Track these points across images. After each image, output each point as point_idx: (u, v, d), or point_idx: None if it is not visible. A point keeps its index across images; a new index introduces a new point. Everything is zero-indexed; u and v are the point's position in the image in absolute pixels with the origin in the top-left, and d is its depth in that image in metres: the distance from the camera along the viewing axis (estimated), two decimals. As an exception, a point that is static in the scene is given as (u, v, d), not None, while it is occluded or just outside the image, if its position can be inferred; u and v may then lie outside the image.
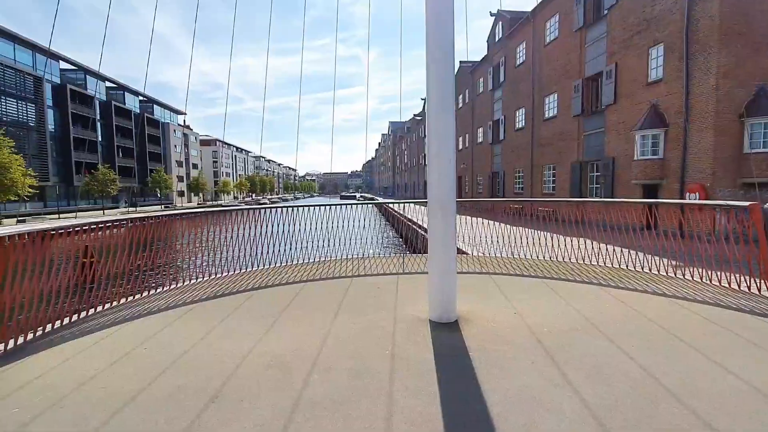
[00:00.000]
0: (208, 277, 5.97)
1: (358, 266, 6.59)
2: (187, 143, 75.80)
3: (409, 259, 7.22)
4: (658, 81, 13.88)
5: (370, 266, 6.60)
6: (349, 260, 7.10)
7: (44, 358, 3.24)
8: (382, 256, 7.63)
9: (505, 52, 26.05)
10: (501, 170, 27.14)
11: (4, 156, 27.41)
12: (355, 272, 6.18)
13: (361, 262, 6.95)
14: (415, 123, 61.56)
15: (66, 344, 3.52)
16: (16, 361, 3.18)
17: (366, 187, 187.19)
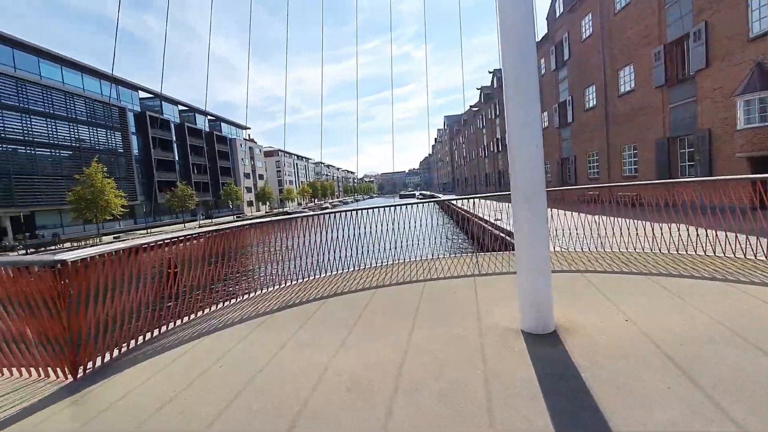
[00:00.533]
0: (278, 286, 5.85)
1: (429, 268, 6.11)
2: (252, 156, 79.94)
3: (483, 258, 6.60)
4: (763, 34, 11.86)
5: (442, 268, 6.09)
6: (418, 262, 6.65)
7: (127, 377, 3.24)
8: (453, 257, 7.07)
9: (569, 27, 24.14)
10: (571, 155, 25.21)
11: (98, 181, 30.45)
12: (427, 275, 5.71)
13: (431, 264, 6.47)
14: (472, 114, 59.67)
15: (147, 362, 3.51)
16: (103, 381, 3.21)
17: (425, 185, 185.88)
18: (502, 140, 43.32)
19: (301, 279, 6.10)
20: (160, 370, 3.30)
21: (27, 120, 32.54)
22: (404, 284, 5.38)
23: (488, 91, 48.80)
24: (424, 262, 6.69)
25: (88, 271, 3.44)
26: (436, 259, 6.90)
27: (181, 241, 4.73)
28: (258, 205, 76.84)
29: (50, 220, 35.16)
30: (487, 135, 49.87)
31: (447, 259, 6.86)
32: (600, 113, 21.10)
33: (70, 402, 2.90)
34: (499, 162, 44.85)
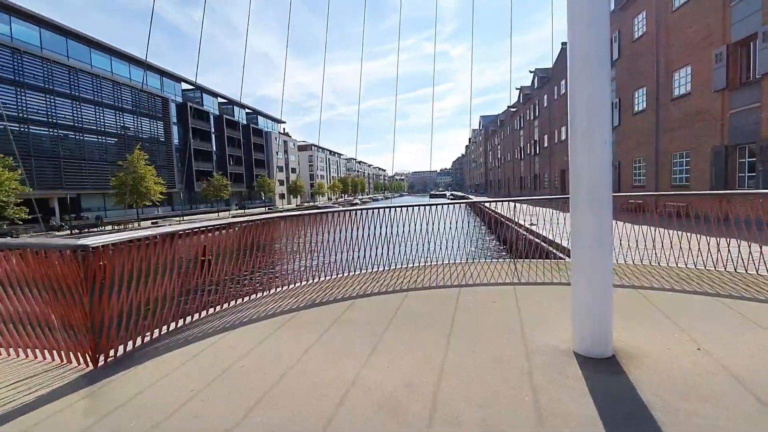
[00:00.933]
0: (305, 282, 5.66)
1: (464, 273, 5.74)
2: (286, 149, 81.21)
3: (522, 266, 6.15)
4: None
5: (477, 273, 5.71)
6: (451, 266, 6.28)
7: (147, 371, 3.11)
8: (488, 261, 6.66)
9: (619, 26, 22.90)
10: (615, 160, 23.97)
11: (140, 167, 31.59)
12: (461, 280, 5.35)
13: (465, 268, 6.09)
14: (509, 115, 58.18)
15: (168, 355, 3.37)
16: (122, 372, 3.09)
17: (456, 185, 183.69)
18: (539, 143, 41.97)
19: (328, 276, 5.89)
20: (181, 366, 3.14)
21: (77, 107, 34.13)
22: (437, 288, 5.05)
23: (528, 92, 47.36)
24: (457, 265, 6.33)
25: (112, 258, 3.31)
26: (471, 263, 6.53)
27: (210, 231, 4.56)
28: (289, 198, 78.02)
29: (94, 203, 36.83)
30: (524, 137, 48.46)
31: (482, 263, 6.47)
32: (650, 117, 19.89)
33: (87, 393, 2.80)
34: (536, 165, 43.50)
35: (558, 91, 34.97)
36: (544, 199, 7.40)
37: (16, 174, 21.97)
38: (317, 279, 5.78)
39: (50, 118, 31.84)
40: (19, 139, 29.51)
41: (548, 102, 38.26)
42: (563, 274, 5.56)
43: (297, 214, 5.87)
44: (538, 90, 41.88)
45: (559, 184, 35.29)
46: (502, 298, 4.52)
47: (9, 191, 21.56)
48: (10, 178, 21.45)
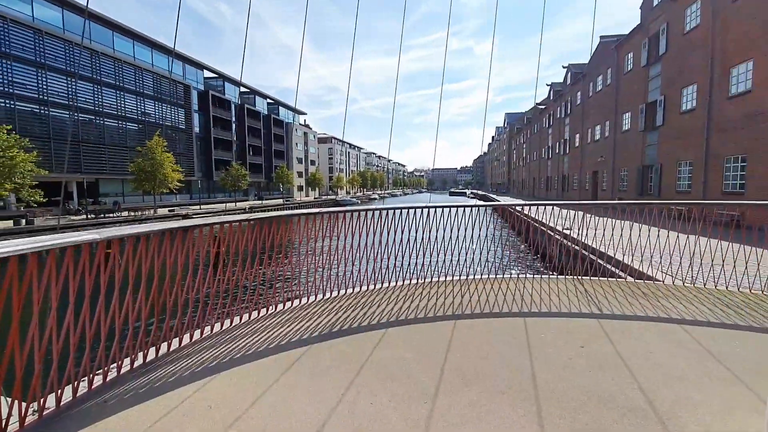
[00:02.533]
0: (320, 297, 4.57)
1: (520, 293, 4.58)
2: (306, 141, 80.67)
3: (590, 286, 4.92)
4: None
5: (537, 293, 4.53)
6: (500, 281, 5.12)
7: None
8: (546, 278, 5.42)
9: (669, 17, 21.05)
10: (656, 163, 22.20)
11: (159, 154, 31.17)
12: (521, 304, 4.18)
13: (518, 285, 4.92)
14: (537, 113, 56.03)
15: (126, 413, 2.28)
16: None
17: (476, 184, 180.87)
18: (569, 142, 40.03)
19: (346, 290, 4.82)
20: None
21: (98, 91, 33.93)
22: (495, 316, 3.87)
23: (559, 88, 45.26)
24: (506, 281, 5.15)
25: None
26: (523, 278, 5.33)
27: (228, 223, 3.55)
28: (307, 191, 77.55)
29: (113, 189, 36.76)
30: (553, 135, 46.43)
31: (537, 280, 5.26)
32: (700, 117, 18.13)
33: None
34: (564, 165, 41.57)
35: (594, 87, 33.01)
36: (602, 205, 6.00)
37: (32, 156, 21.59)
38: (334, 294, 4.72)
39: (71, 101, 31.66)
40: (39, 121, 29.44)
41: (582, 99, 36.29)
42: (656, 302, 4.32)
43: (303, 212, 4.70)
44: (570, 86, 39.86)
45: (590, 186, 33.41)
46: (589, 339, 3.33)
47: (24, 173, 21.20)
48: (25, 160, 21.07)
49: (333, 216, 4.71)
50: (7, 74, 27.25)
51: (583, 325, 3.62)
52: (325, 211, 4.63)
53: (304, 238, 4.55)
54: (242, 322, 3.75)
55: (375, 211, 4.94)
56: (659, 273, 5.98)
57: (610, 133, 29.17)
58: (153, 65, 40.94)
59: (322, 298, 4.55)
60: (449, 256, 5.16)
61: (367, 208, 4.91)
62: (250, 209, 42.70)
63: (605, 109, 29.98)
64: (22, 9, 29.04)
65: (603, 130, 30.69)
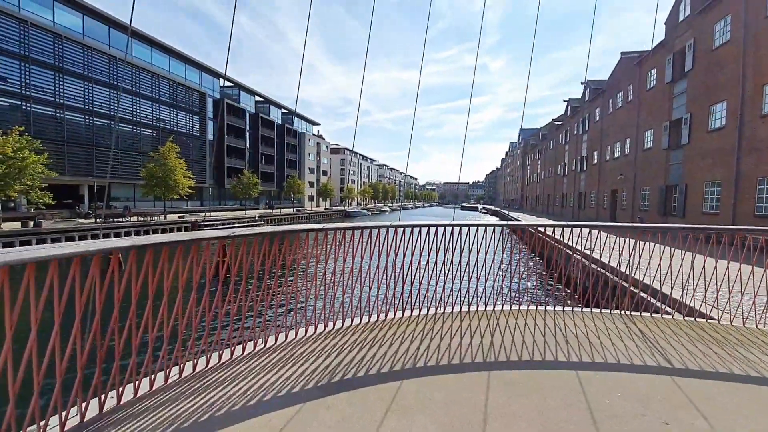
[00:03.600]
0: (314, 329, 3.84)
1: (564, 335, 3.80)
2: (319, 152, 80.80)
3: (645, 326, 4.15)
4: None
5: (581, 336, 3.76)
6: (529, 314, 4.39)
7: None
8: (587, 312, 4.63)
9: (696, 33, 20.30)
10: (680, 182, 21.22)
11: (171, 160, 31.10)
12: (567, 351, 3.41)
13: (554, 321, 4.18)
14: (553, 129, 55.19)
15: None
16: None
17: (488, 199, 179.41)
18: (587, 159, 39.07)
19: (356, 319, 4.10)
20: None
21: (114, 96, 34.17)
22: (538, 368, 3.12)
23: (576, 104, 44.47)
24: (536, 314, 4.40)
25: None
26: (565, 311, 4.57)
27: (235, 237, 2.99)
28: (318, 201, 77.36)
29: (124, 193, 36.79)
30: (570, 152, 45.49)
31: (579, 315, 4.47)
32: (730, 135, 17.23)
33: None
34: (581, 183, 40.55)
35: (614, 104, 32.18)
36: (648, 229, 5.13)
37: (43, 158, 21.50)
38: (338, 324, 4.01)
39: (87, 105, 31.89)
40: (54, 124, 29.61)
41: (600, 116, 35.44)
42: (734, 352, 3.53)
43: (306, 228, 3.94)
44: (589, 103, 39.07)
45: (608, 204, 32.36)
46: (671, 409, 2.53)
47: (34, 174, 21.08)
48: (36, 161, 20.97)
49: (339, 233, 3.94)
50: (24, 77, 27.52)
51: (656, 386, 2.84)
52: (331, 227, 3.82)
53: (304, 258, 3.87)
54: (222, 363, 3.08)
55: (389, 229, 4.18)
56: (714, 310, 5.17)
57: (630, 151, 28.24)
58: (170, 72, 41.31)
59: (323, 330, 3.85)
60: (472, 281, 4.45)
61: (378, 225, 4.15)
62: (259, 218, 42.41)
63: (626, 126, 29.11)
64: (44, 14, 29.48)
65: (623, 147, 29.76)
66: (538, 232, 5.18)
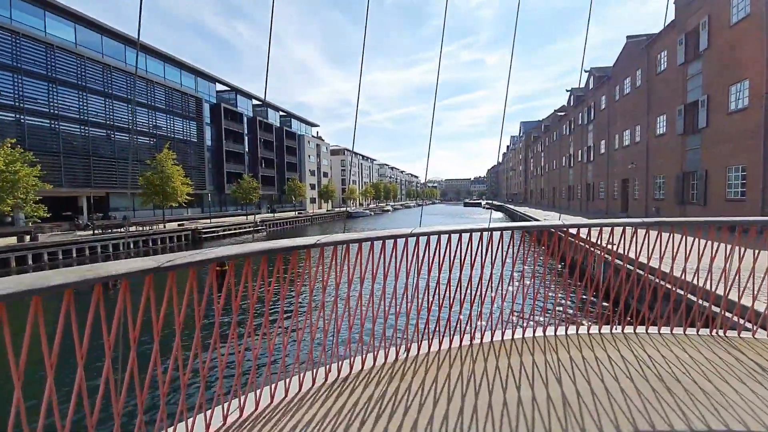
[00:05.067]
0: (319, 380, 2.75)
1: (652, 368, 2.88)
2: (319, 153, 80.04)
3: (755, 352, 3.20)
4: None
5: (687, 377, 2.77)
6: (603, 339, 3.43)
7: None
8: (665, 335, 3.54)
9: (710, 10, 19.38)
10: (700, 169, 20.30)
11: (168, 167, 30.37)
12: (681, 410, 2.34)
13: (637, 349, 3.23)
14: (556, 120, 54.25)
15: None
16: None
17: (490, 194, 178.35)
18: (594, 149, 38.14)
19: (358, 359, 3.04)
20: None
21: (110, 104, 33.45)
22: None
23: (580, 93, 43.51)
24: (608, 340, 3.41)
25: None
26: (637, 334, 3.55)
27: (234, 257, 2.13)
28: (320, 203, 76.60)
29: (123, 203, 36.04)
30: (575, 142, 44.55)
31: (660, 340, 3.44)
32: (754, 116, 16.32)
33: None
34: (589, 174, 39.62)
35: (621, 90, 31.25)
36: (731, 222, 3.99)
37: (36, 170, 20.74)
38: (343, 371, 2.87)
39: (82, 115, 31.17)
40: (50, 135, 28.89)
41: (607, 103, 34.51)
42: None
43: (289, 245, 2.62)
44: (593, 91, 38.13)
45: (619, 195, 31.43)
46: None
47: (28, 187, 20.32)
48: (28, 174, 20.22)
49: (339, 248, 2.65)
50: (18, 88, 26.81)
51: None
52: (325, 241, 2.45)
53: (291, 288, 2.68)
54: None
55: (398, 239, 2.91)
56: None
57: (641, 138, 27.32)
58: (165, 78, 40.58)
59: (313, 386, 2.66)
60: (497, 299, 3.39)
61: (381, 236, 2.79)
62: (261, 222, 41.64)
63: (635, 113, 28.18)
64: (35, 24, 28.76)
65: (633, 135, 28.83)
66: (568, 235, 4.20)
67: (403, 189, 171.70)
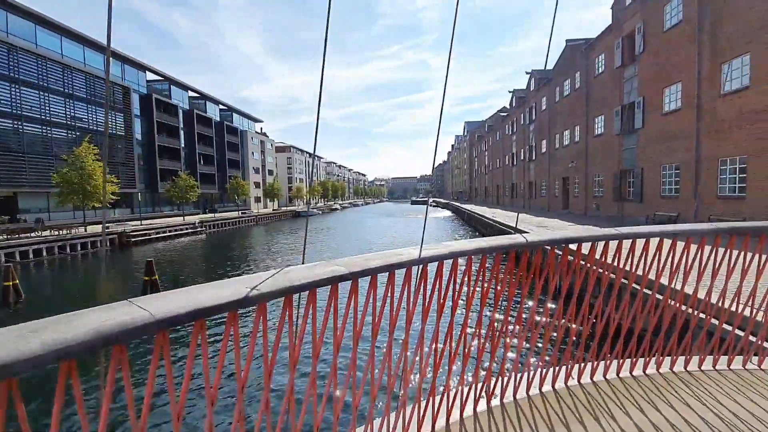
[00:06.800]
0: None
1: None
2: (263, 150, 76.82)
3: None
4: None
5: None
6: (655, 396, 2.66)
7: None
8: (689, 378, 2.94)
9: (645, 16, 20.27)
10: (636, 167, 21.25)
11: (88, 163, 27.15)
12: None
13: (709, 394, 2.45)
14: (499, 120, 55.79)
15: None
16: None
17: (437, 192, 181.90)
18: (536, 148, 39.42)
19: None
20: None
21: (16, 91, 29.33)
22: None
23: (522, 95, 44.90)
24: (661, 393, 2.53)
25: None
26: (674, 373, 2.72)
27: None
28: (265, 202, 73.56)
29: (36, 204, 31.87)
30: (518, 142, 45.93)
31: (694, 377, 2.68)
32: (687, 117, 17.18)
33: None
34: (531, 172, 40.94)
35: (560, 92, 32.37)
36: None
37: None
38: None
39: (-20, 102, 27.02)
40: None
41: (548, 104, 35.70)
42: None
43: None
44: (535, 92, 39.38)
45: (560, 192, 32.60)
46: None
47: None
48: None
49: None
50: None
51: None
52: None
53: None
54: None
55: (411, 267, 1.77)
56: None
57: (581, 138, 28.40)
58: (86, 64, 36.47)
59: None
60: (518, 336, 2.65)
61: (402, 262, 1.69)
62: (200, 223, 38.79)
63: (575, 114, 29.26)
64: None
65: (573, 135, 29.95)
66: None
67: (351, 187, 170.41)
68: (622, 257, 2.29)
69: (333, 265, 1.46)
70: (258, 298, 1.17)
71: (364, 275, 1.51)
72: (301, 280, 1.30)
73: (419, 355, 1.90)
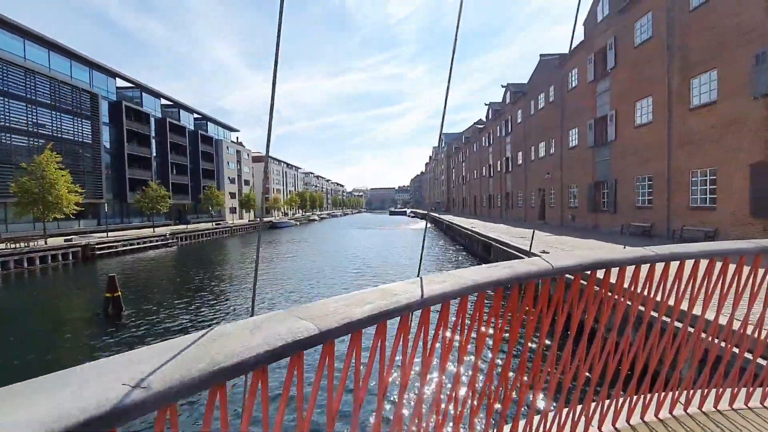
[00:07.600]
0: None
1: None
2: (239, 160, 75.44)
3: None
4: None
5: None
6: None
7: None
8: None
9: (616, 32, 20.82)
10: (610, 178, 21.62)
11: (50, 172, 25.78)
12: None
13: None
14: (476, 132, 56.53)
15: None
16: None
17: (414, 203, 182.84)
18: (512, 160, 39.93)
19: None
20: None
21: (-28, 95, 27.73)
22: None
23: (498, 108, 45.62)
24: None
25: None
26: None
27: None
28: (241, 213, 71.98)
29: (-9, 215, 30.00)
30: (494, 154, 46.47)
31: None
32: (658, 130, 17.58)
33: None
34: (507, 183, 41.39)
35: (536, 105, 32.97)
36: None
37: None
38: None
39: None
40: None
41: (523, 117, 36.29)
42: None
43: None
44: (510, 105, 40.02)
45: (536, 203, 32.98)
46: None
47: None
48: None
49: None
50: None
51: None
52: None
53: None
54: None
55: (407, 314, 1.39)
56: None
57: (555, 150, 28.86)
58: (50, 69, 34.95)
59: None
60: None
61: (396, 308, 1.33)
62: (171, 235, 37.39)
63: (550, 127, 29.77)
64: None
65: (548, 147, 30.42)
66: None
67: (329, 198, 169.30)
68: (654, 282, 1.95)
69: (293, 318, 1.02)
70: (140, 405, 0.67)
71: (344, 333, 1.05)
72: (233, 358, 0.82)
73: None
